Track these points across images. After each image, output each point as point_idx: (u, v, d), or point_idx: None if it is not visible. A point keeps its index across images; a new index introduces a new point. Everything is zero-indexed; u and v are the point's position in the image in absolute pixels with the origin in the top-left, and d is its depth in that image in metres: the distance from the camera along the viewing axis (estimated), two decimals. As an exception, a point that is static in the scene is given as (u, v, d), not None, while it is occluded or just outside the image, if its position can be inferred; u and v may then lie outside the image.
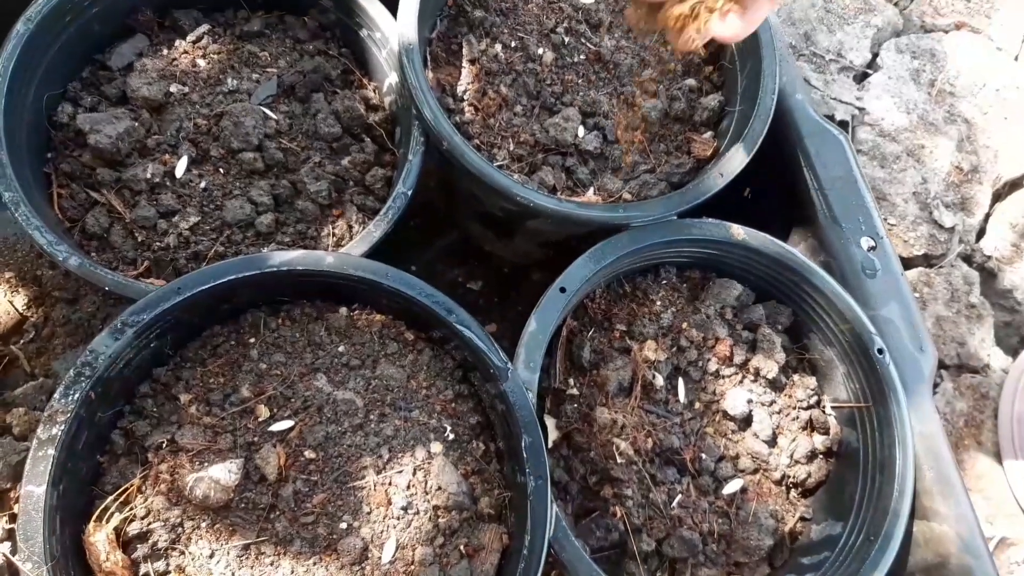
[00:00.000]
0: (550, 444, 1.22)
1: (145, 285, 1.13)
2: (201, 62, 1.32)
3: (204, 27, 1.36)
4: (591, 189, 1.37)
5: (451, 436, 1.11)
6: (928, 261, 2.01)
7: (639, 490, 1.21)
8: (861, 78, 2.20)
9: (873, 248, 1.37)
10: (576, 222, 1.25)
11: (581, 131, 1.37)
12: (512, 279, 1.74)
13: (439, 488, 1.06)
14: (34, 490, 0.93)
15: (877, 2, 2.30)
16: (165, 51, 1.33)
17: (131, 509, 1.00)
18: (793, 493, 1.32)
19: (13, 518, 1.32)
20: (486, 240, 1.67)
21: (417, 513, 1.04)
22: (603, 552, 1.21)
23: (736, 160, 1.31)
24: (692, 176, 1.39)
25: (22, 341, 1.47)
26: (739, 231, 1.28)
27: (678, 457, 1.24)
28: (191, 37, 1.35)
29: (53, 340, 1.48)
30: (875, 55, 2.23)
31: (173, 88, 1.29)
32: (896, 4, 2.35)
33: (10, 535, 1.30)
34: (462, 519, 1.07)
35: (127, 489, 1.00)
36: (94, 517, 0.99)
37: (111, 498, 0.99)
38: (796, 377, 1.33)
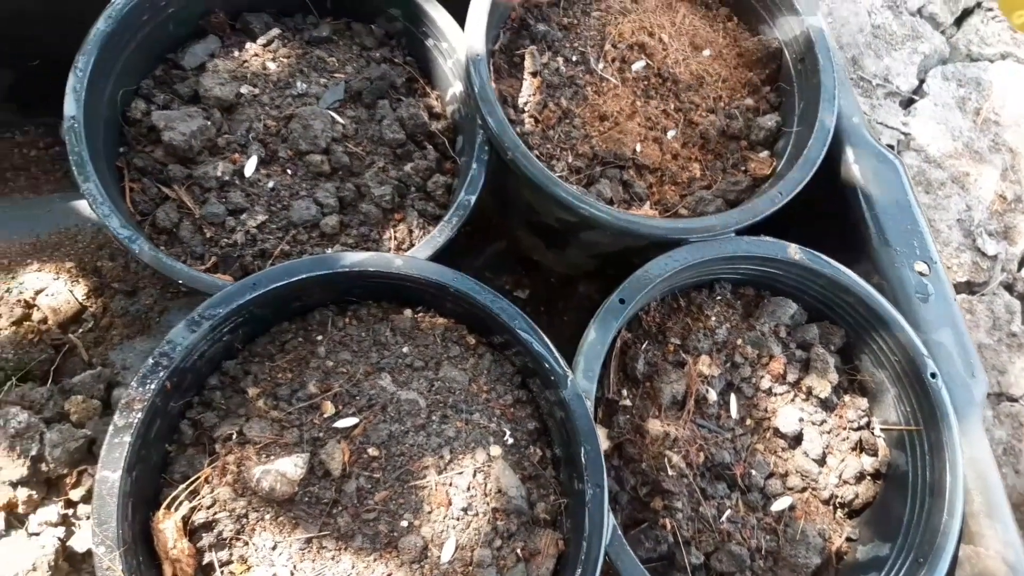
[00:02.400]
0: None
1: (217, 280, 1.16)
2: (271, 65, 1.35)
3: (275, 31, 1.39)
4: (647, 203, 1.38)
5: (510, 440, 1.13)
6: (970, 288, 2.01)
7: (689, 503, 1.22)
8: (907, 104, 2.21)
9: (926, 273, 1.38)
10: (636, 235, 1.26)
11: (639, 145, 1.39)
12: (559, 289, 1.75)
13: (498, 491, 1.07)
14: (109, 475, 0.95)
15: (924, 29, 2.31)
16: (236, 53, 1.37)
17: (199, 498, 1.02)
18: (840, 513, 1.32)
19: (68, 503, 1.34)
20: (536, 249, 1.69)
21: (476, 515, 1.06)
22: (651, 563, 1.22)
23: (795, 180, 1.32)
24: (748, 194, 1.40)
25: (81, 330, 1.50)
26: (796, 251, 1.30)
27: (728, 472, 1.25)
28: (262, 40, 1.38)
29: (111, 331, 1.51)
30: (922, 81, 2.24)
31: (244, 89, 1.32)
32: (943, 32, 2.36)
33: (64, 520, 1.33)
34: (520, 523, 1.08)
35: (196, 479, 1.02)
36: (164, 505, 1.01)
37: (182, 487, 1.01)
38: (847, 398, 1.34)
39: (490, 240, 1.76)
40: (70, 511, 1.33)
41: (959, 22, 2.39)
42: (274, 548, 1.01)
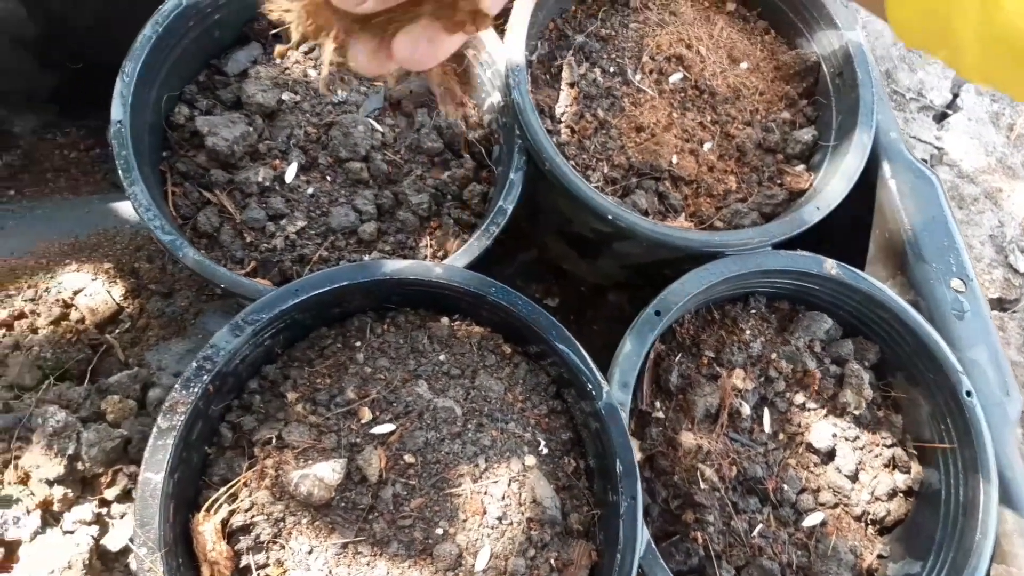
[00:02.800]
0: (634, 465, 1.24)
1: (259, 284, 1.17)
2: (312, 72, 1.37)
3: (317, 39, 1.40)
4: (683, 215, 1.38)
5: (544, 450, 1.13)
6: (1002, 305, 2.00)
7: (720, 517, 1.22)
8: (941, 118, 2.20)
9: (962, 290, 1.37)
10: (673, 247, 1.27)
11: (675, 157, 1.39)
12: (589, 299, 1.76)
13: (533, 501, 1.07)
14: (152, 477, 0.97)
15: (958, 43, 2.29)
16: (278, 60, 1.38)
17: (238, 502, 1.03)
18: (871, 529, 1.32)
19: (103, 502, 1.36)
20: (567, 259, 1.70)
21: (511, 524, 1.06)
22: (682, 576, 1.22)
23: (833, 195, 1.32)
24: (783, 207, 1.40)
25: (117, 331, 1.51)
26: (833, 266, 1.29)
27: (760, 487, 1.25)
28: (303, 48, 1.39)
29: (147, 331, 1.52)
30: (955, 96, 2.23)
31: (285, 96, 1.33)
32: (977, 46, 2.35)
33: (98, 519, 1.34)
34: (553, 533, 1.08)
35: (236, 483, 1.03)
36: (204, 508, 1.02)
37: (223, 490, 1.02)
38: (881, 414, 1.33)
39: (521, 249, 1.77)
40: (104, 510, 1.35)
41: (994, 36, 2.37)
42: (310, 552, 1.02)
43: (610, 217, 1.24)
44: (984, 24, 0.58)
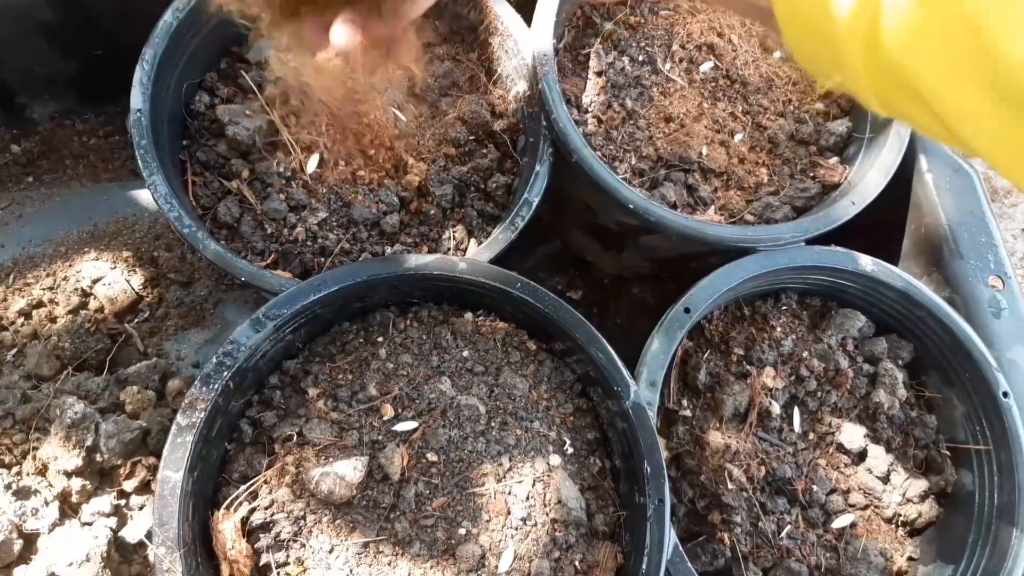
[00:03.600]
0: (660, 464, 1.21)
1: (280, 277, 1.15)
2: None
3: (338, 25, 1.38)
4: (712, 208, 1.35)
5: (570, 450, 1.11)
6: (1035, 301, 1.95)
7: (748, 518, 1.19)
8: (974, 108, 2.14)
9: (1000, 288, 1.33)
10: (703, 242, 1.23)
11: (705, 148, 1.36)
12: (612, 291, 1.73)
13: (558, 501, 1.05)
14: (171, 475, 0.95)
15: (993, 31, 2.23)
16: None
17: (258, 499, 1.02)
18: (901, 532, 1.29)
19: (122, 494, 1.35)
20: (591, 251, 1.67)
21: (535, 525, 1.04)
22: (708, 578, 1.20)
23: (869, 189, 1.28)
24: (816, 201, 1.36)
25: (136, 320, 1.50)
26: (868, 262, 1.26)
27: (789, 487, 1.22)
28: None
29: (166, 321, 1.51)
30: (989, 85, 2.17)
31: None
32: (1012, 34, 2.29)
33: (117, 511, 1.33)
34: (578, 534, 1.06)
35: (256, 480, 1.02)
36: (224, 506, 1.00)
37: (243, 488, 1.00)
38: (914, 414, 1.30)
39: (543, 240, 1.74)
40: (123, 502, 1.34)
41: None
42: (331, 551, 1.01)
43: (639, 211, 1.21)
44: (869, 58, 0.53)
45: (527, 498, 1.05)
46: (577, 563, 1.05)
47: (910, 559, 1.28)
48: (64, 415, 1.31)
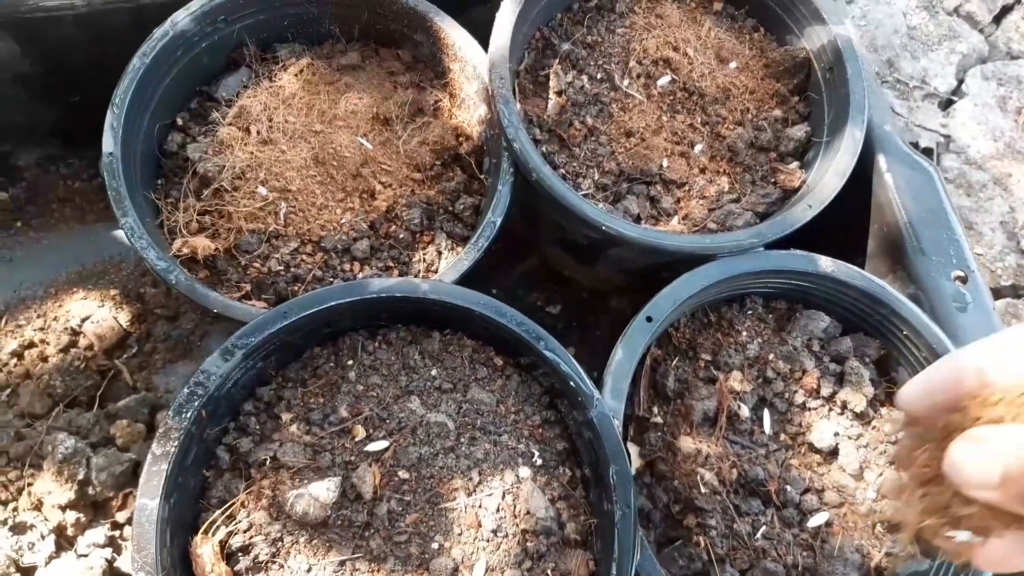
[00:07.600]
0: (633, 472, 1.23)
1: (250, 307, 1.18)
2: (301, 94, 1.38)
3: (304, 60, 1.42)
4: (675, 218, 1.38)
5: (539, 461, 1.13)
6: (1016, 292, 1.97)
7: (723, 520, 1.21)
8: (946, 105, 2.17)
9: (964, 281, 1.35)
10: (663, 252, 1.26)
11: (665, 161, 1.39)
12: (591, 304, 1.76)
13: (528, 512, 1.08)
14: (148, 503, 0.98)
15: (962, 28, 2.26)
16: (267, 83, 1.40)
17: (236, 523, 1.05)
18: (879, 527, 1.30)
19: (115, 525, 1.38)
20: (566, 265, 1.70)
21: (506, 536, 1.06)
22: (686, 581, 1.22)
23: (825, 192, 1.31)
24: (778, 207, 1.39)
25: (125, 356, 1.54)
26: (828, 263, 1.28)
27: (763, 488, 1.24)
28: (293, 70, 1.41)
29: (154, 355, 1.55)
30: (960, 82, 2.19)
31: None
32: (982, 31, 2.31)
33: (111, 541, 1.37)
34: (549, 544, 1.08)
35: (232, 504, 1.05)
36: (201, 530, 1.03)
37: (219, 512, 1.03)
38: (883, 411, 1.32)
39: (521, 257, 1.77)
40: (116, 532, 1.38)
41: (998, 20, 2.33)
42: (308, 571, 1.03)
43: (598, 224, 1.24)
44: None
45: (497, 510, 1.07)
46: (550, 572, 1.07)
47: (888, 554, 1.30)
48: (56, 451, 1.35)
